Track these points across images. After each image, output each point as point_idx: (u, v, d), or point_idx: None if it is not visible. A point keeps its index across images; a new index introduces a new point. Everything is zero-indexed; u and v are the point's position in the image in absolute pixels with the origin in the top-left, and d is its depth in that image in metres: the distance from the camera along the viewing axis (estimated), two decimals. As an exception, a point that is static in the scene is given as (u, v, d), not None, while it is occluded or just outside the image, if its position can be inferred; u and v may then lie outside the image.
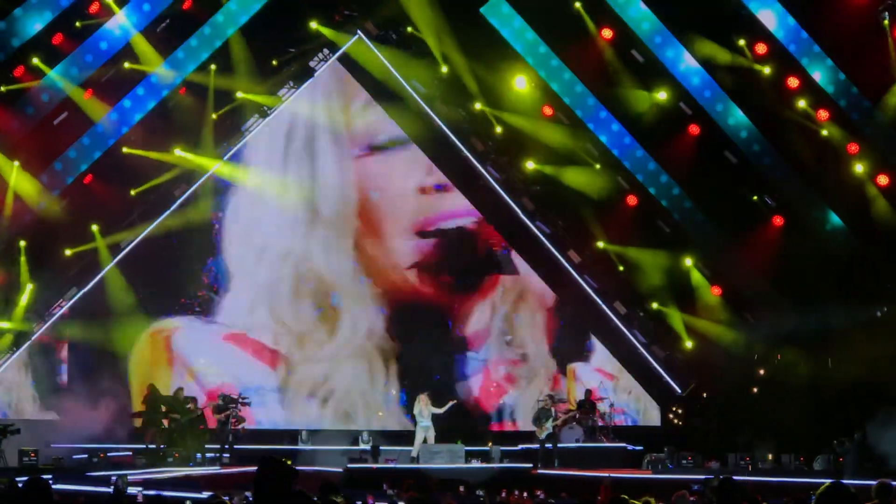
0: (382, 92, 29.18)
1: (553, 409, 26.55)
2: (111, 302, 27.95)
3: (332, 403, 29.84)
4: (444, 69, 27.29)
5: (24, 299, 26.20)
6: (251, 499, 17.68)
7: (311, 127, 30.23)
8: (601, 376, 29.85)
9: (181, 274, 29.45)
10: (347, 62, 29.04)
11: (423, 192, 30.94)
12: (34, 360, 27.89)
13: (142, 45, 25.13)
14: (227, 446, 25.72)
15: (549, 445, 26.25)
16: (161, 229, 28.25)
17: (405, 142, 30.38)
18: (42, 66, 24.29)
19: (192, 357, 29.55)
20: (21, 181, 25.15)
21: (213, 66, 26.47)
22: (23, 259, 25.92)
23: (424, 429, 26.19)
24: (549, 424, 26.21)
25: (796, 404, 25.49)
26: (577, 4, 25.95)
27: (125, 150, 26.21)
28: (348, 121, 30.48)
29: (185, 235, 28.89)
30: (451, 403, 26.95)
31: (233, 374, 29.38)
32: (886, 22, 24.72)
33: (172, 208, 28.24)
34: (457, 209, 30.93)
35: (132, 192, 27.09)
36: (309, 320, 30.19)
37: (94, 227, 26.88)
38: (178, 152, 26.98)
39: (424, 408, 26.37)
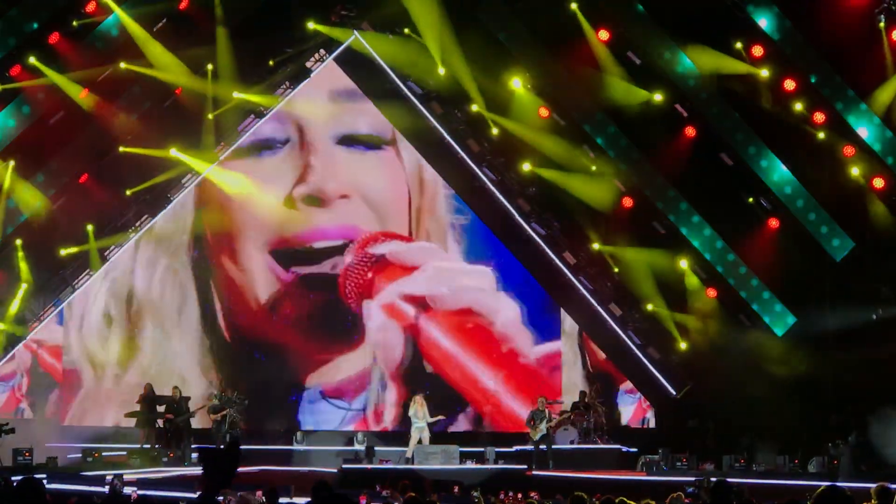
0: (378, 92, 29.09)
1: (547, 411, 26.53)
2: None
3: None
4: (442, 70, 27.24)
5: (16, 300, 26.08)
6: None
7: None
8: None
9: None
10: (342, 62, 28.97)
11: (290, 204, 27.72)
12: None
13: (139, 45, 25.09)
14: (221, 446, 25.58)
15: (543, 447, 26.25)
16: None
17: (279, 144, 28.17)
18: (39, 65, 24.26)
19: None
20: (16, 181, 25.10)
21: (210, 66, 26.43)
22: (20, 255, 25.81)
23: (419, 430, 26.15)
24: (542, 426, 26.20)
25: (796, 406, 25.50)
26: (574, 6, 25.95)
27: (122, 149, 26.16)
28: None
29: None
30: (439, 417, 27.06)
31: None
32: (882, 24, 24.76)
33: (168, 208, 28.20)
34: (331, 228, 27.68)
35: (127, 192, 27.03)
36: (114, 351, 27.35)
37: (89, 228, 26.78)
38: (174, 152, 26.88)
39: (420, 409, 26.34)
